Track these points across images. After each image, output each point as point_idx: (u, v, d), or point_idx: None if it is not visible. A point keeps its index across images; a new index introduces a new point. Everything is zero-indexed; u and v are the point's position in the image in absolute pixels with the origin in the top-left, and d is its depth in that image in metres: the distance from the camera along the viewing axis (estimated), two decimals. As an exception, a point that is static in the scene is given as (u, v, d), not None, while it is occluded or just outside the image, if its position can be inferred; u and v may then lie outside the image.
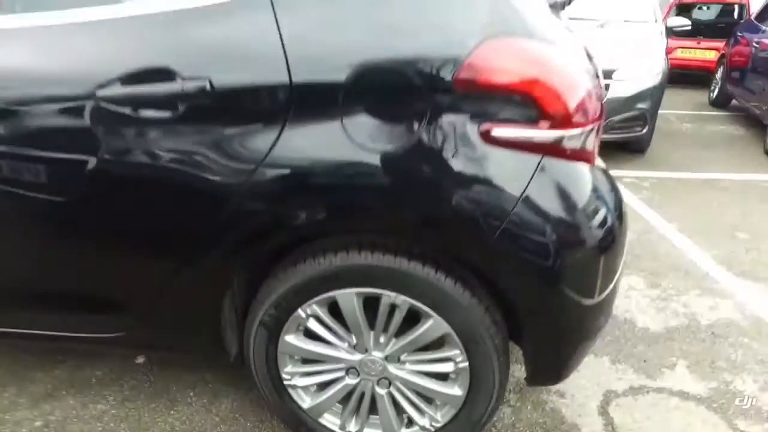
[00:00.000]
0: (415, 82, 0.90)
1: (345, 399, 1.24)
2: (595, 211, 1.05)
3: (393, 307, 1.08)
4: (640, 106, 3.68)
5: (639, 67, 3.71)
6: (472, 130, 0.92)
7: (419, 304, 1.06)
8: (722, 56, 6.22)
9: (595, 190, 1.06)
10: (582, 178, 1.02)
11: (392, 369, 1.17)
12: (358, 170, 0.94)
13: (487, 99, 0.92)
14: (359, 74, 0.90)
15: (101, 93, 0.94)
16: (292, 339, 1.16)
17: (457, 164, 0.93)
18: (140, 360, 1.62)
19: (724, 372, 1.71)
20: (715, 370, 1.72)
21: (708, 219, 2.95)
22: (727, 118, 5.75)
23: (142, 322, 1.19)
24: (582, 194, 1.02)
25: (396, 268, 1.02)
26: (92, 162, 0.99)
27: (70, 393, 1.49)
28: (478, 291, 1.05)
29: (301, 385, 1.23)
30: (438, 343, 1.12)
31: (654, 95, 3.75)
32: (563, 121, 0.94)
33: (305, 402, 1.25)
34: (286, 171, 0.95)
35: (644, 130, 3.78)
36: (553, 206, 0.97)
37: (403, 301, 1.06)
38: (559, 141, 0.96)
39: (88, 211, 1.07)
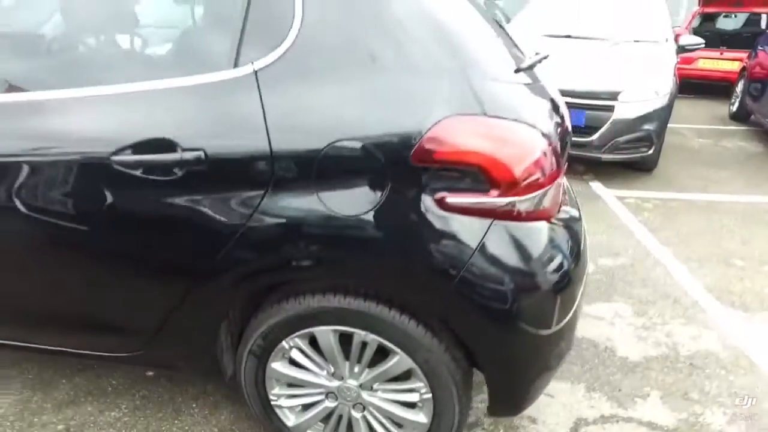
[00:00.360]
0: (378, 156, 1.04)
1: (325, 419, 1.39)
2: (547, 261, 1.16)
3: (364, 344, 1.22)
4: (646, 127, 3.71)
5: (646, 89, 3.74)
6: (429, 197, 1.06)
7: (386, 343, 1.20)
8: (743, 68, 6.12)
9: (549, 241, 1.17)
10: (533, 235, 1.14)
11: (366, 396, 1.31)
12: (330, 230, 1.08)
13: (441, 171, 1.05)
14: (329, 150, 1.04)
15: (117, 158, 1.11)
16: (277, 366, 1.32)
17: (416, 226, 1.07)
18: (150, 373, 1.80)
19: (696, 404, 1.79)
20: (687, 402, 1.80)
21: (706, 244, 2.99)
22: (746, 134, 5.67)
23: (151, 344, 1.36)
24: (533, 248, 1.13)
25: (365, 311, 1.16)
26: (116, 213, 1.17)
27: (88, 400, 1.68)
28: (439, 332, 1.18)
29: (286, 405, 1.39)
30: (405, 375, 1.26)
31: (661, 116, 3.78)
32: (512, 189, 1.06)
33: (290, 420, 1.40)
34: (269, 227, 1.10)
35: (650, 151, 3.81)
36: (504, 261, 1.09)
37: (373, 339, 1.20)
38: (509, 206, 1.08)
39: (110, 251, 1.24)
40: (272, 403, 1.38)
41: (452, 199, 1.05)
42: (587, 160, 3.89)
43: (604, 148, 3.77)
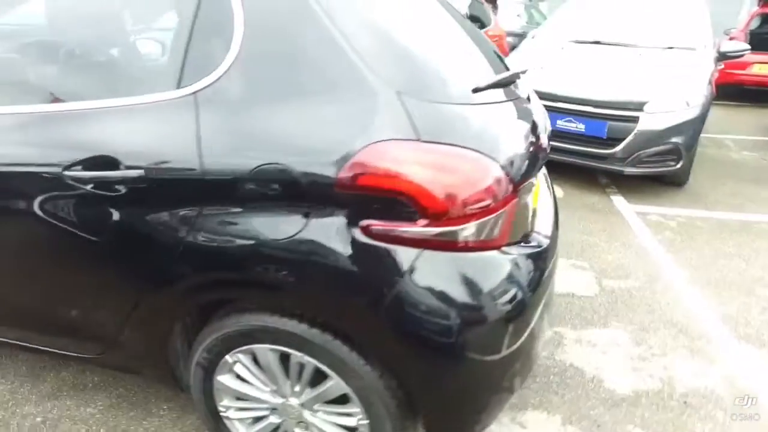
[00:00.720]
0: (304, 181, 1.03)
1: (273, 434, 1.40)
2: (488, 292, 1.10)
3: (302, 364, 1.22)
4: (674, 139, 3.48)
5: (675, 99, 3.51)
6: (354, 224, 1.03)
7: (322, 366, 1.18)
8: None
9: (492, 271, 1.12)
10: (470, 265, 1.09)
11: (307, 415, 1.30)
12: (257, 252, 1.08)
13: (366, 198, 1.02)
14: (257, 173, 1.04)
15: (69, 173, 1.16)
16: (223, 379, 1.33)
17: (340, 253, 1.04)
18: (129, 371, 1.87)
19: (682, 448, 1.66)
20: (672, 444, 1.67)
21: (729, 269, 2.77)
22: (800, 147, 5.21)
23: (111, 348, 1.42)
24: (470, 279, 1.08)
25: (299, 333, 1.16)
26: (71, 224, 1.23)
27: (69, 394, 1.77)
28: (372, 360, 1.15)
29: (234, 417, 1.40)
30: (344, 399, 1.24)
31: (691, 128, 3.53)
32: (442, 219, 1.02)
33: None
34: (203, 246, 1.12)
35: (678, 165, 3.57)
36: (434, 292, 1.05)
37: (308, 361, 1.19)
38: (441, 236, 1.04)
39: (68, 259, 1.31)
40: (221, 414, 1.40)
41: (378, 227, 1.03)
42: (611, 173, 3.70)
43: (626, 161, 3.57)
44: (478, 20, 6.32)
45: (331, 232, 1.04)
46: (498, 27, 6.68)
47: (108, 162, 1.13)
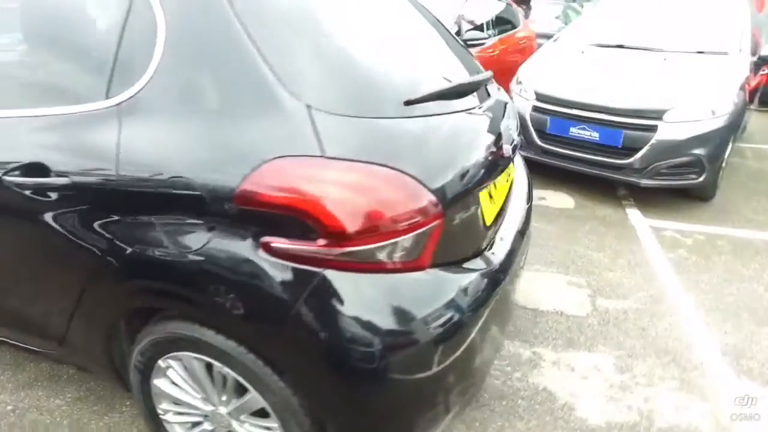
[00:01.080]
0: (207, 197, 1.03)
1: (209, 440, 1.40)
2: (402, 313, 1.06)
3: (224, 375, 1.22)
4: (696, 151, 3.25)
5: (700, 107, 3.27)
6: (256, 241, 1.02)
7: (239, 378, 1.18)
8: None
9: (407, 292, 1.07)
10: (379, 285, 1.04)
11: (235, 425, 1.30)
12: (168, 263, 1.09)
13: (266, 214, 1.00)
14: (165, 186, 1.05)
15: (7, 179, 1.21)
16: (159, 383, 1.35)
17: (241, 269, 1.03)
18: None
19: (649, 488, 1.54)
20: (640, 484, 1.55)
21: (743, 294, 2.54)
22: None
23: (62, 345, 1.47)
24: (379, 299, 1.04)
25: (216, 344, 1.15)
26: (17, 227, 1.29)
27: (43, 385, 1.86)
28: (284, 375, 1.13)
29: (173, 421, 1.42)
30: (267, 412, 1.23)
31: (716, 139, 3.28)
32: (344, 239, 0.98)
33: (177, 438, 1.44)
34: (123, 253, 1.14)
35: (700, 178, 3.33)
36: (338, 312, 1.01)
37: (227, 372, 1.19)
38: (345, 255, 1.00)
39: (17, 259, 1.38)
40: (161, 417, 1.42)
41: (278, 244, 1.01)
42: (630, 184, 3.48)
43: (643, 172, 3.36)
44: (508, 22, 6.15)
45: (234, 248, 1.03)
46: (527, 29, 6.47)
47: (40, 169, 1.17)
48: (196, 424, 1.41)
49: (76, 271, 1.26)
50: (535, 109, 3.78)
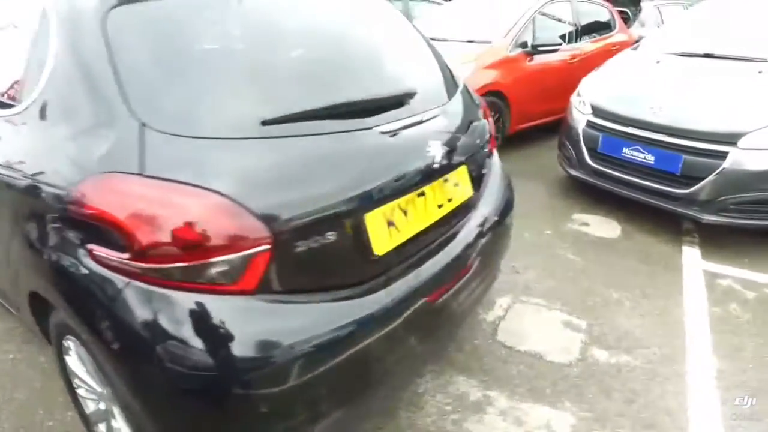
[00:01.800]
0: (52, 204, 1.15)
1: (106, 416, 1.53)
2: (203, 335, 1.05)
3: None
4: (780, 187, 2.63)
5: (789, 133, 2.64)
6: (84, 246, 1.10)
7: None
8: None
9: (216, 316, 1.05)
10: (182, 305, 1.04)
11: (116, 410, 1.40)
12: (23, 259, 1.25)
13: (90, 224, 1.07)
14: (16, 189, 1.19)
15: None
16: (68, 360, 1.51)
17: (73, 272, 1.12)
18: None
19: None
20: None
21: (796, 373, 2.01)
22: None
23: (19, 311, 1.70)
24: (181, 320, 1.04)
25: (81, 334, 1.25)
26: None
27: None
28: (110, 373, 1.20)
29: (83, 395, 1.57)
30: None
31: (811, 174, 2.62)
32: (148, 254, 1.01)
33: (88, 409, 1.58)
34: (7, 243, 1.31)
35: (784, 221, 2.69)
36: (139, 324, 1.05)
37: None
38: (152, 271, 1.03)
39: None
40: (76, 390, 1.58)
41: (98, 252, 1.08)
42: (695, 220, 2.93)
43: (705, 206, 2.82)
44: (602, 26, 5.57)
45: (71, 251, 1.12)
46: (626, 33, 5.78)
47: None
48: (97, 402, 1.55)
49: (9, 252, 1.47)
50: (589, 124, 3.38)
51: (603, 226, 3.28)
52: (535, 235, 3.16)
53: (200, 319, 1.05)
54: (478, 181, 1.78)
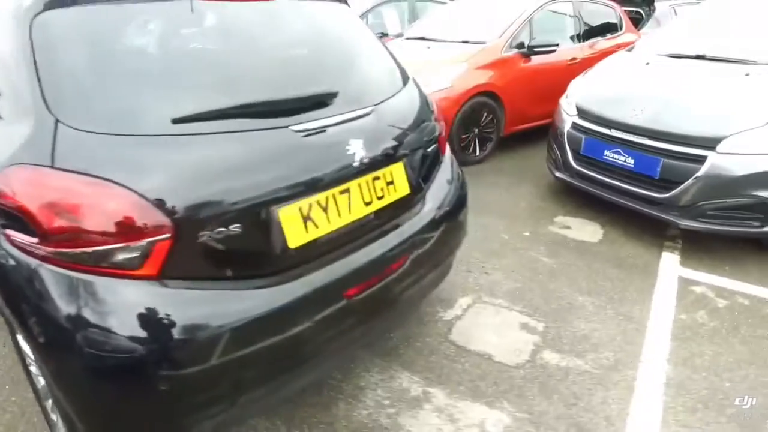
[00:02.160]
0: None
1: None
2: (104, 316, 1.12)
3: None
4: (759, 193, 2.54)
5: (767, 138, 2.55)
6: (2, 231, 1.20)
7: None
8: None
9: (115, 300, 1.14)
10: (86, 287, 1.13)
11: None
12: None
13: (5, 210, 1.17)
14: None
15: None
16: (19, 337, 1.62)
17: None
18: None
19: None
20: None
21: (748, 389, 1.94)
22: None
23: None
24: (82, 301, 1.12)
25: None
26: None
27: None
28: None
29: (35, 372, 1.68)
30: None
31: (793, 180, 2.52)
32: (52, 239, 1.10)
33: (39, 384, 1.69)
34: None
35: (765, 228, 2.59)
36: (48, 304, 1.13)
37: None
38: (59, 255, 1.11)
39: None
40: (29, 367, 1.69)
41: (13, 236, 1.17)
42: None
43: (684, 211, 2.75)
44: (612, 27, 5.46)
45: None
46: (633, 34, 5.64)
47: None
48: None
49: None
50: (574, 126, 3.34)
51: (585, 230, 3.24)
52: (513, 236, 3.14)
53: (105, 301, 1.13)
54: (421, 179, 1.81)
